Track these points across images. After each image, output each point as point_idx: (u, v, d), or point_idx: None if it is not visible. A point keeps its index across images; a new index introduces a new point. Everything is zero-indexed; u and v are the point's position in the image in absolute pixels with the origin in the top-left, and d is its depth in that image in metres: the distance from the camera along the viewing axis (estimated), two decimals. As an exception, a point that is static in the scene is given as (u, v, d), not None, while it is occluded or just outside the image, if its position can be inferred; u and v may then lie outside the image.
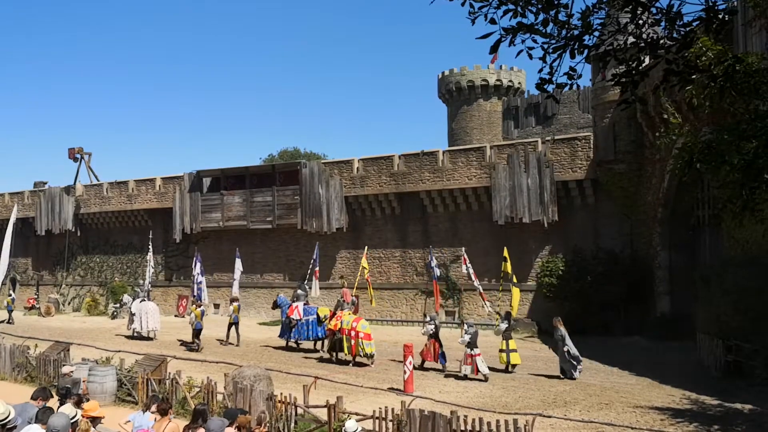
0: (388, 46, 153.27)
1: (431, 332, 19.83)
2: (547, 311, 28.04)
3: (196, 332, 24.91)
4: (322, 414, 12.92)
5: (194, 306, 26.22)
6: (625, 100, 6.79)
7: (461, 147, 34.43)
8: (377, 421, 12.06)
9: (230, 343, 25.77)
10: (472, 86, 49.93)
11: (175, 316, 37.84)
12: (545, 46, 6.01)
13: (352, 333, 20.87)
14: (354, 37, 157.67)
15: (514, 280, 21.72)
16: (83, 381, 14.47)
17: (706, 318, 18.44)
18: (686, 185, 23.12)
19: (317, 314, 23.87)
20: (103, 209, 42.10)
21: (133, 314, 28.68)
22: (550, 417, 13.14)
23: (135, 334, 28.37)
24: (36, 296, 43.71)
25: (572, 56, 6.05)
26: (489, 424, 10.81)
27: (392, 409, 12.01)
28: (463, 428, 10.95)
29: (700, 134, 14.47)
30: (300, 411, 13.41)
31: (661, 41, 6.53)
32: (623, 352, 22.28)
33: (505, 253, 22.55)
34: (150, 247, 34.39)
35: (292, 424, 13.18)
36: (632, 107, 23.57)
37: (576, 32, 6.03)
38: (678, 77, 6.69)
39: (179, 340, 27.22)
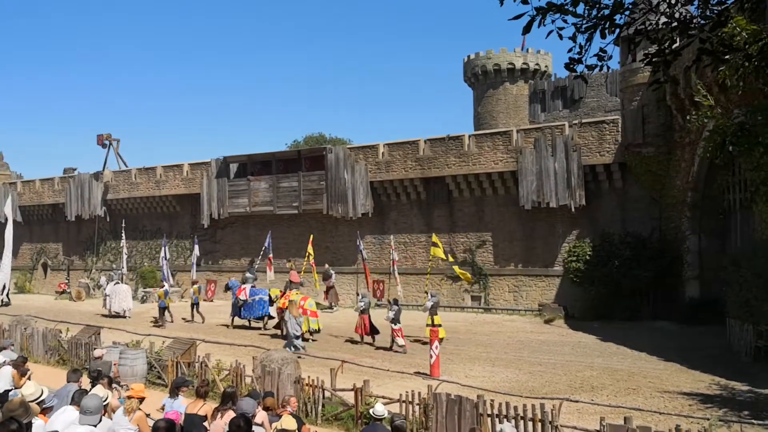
0: (413, 31, 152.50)
1: (362, 308, 22.15)
2: (574, 296, 27.90)
3: (161, 310, 27.72)
4: (349, 397, 13.03)
5: (160, 287, 29.84)
6: (656, 81, 6.68)
7: (487, 131, 34.20)
8: (404, 404, 12.12)
9: (195, 322, 28.13)
10: (498, 70, 49.48)
11: (204, 300, 38.23)
12: (579, 25, 5.91)
13: (299, 310, 21.99)
14: (379, 21, 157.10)
15: (450, 259, 24.85)
16: (114, 364, 14.70)
17: (736, 303, 18.19)
18: (717, 168, 22.71)
19: (269, 294, 25.72)
20: (132, 195, 42.59)
21: (108, 295, 31.48)
22: (577, 401, 13.10)
23: (111, 313, 30.79)
24: (67, 281, 44.38)
25: (603, 36, 5.96)
26: (516, 408, 10.81)
27: (419, 393, 12.06)
28: (489, 412, 10.97)
29: (732, 116, 14.21)
30: (327, 394, 13.52)
31: (694, 21, 6.40)
32: (651, 337, 22.09)
33: (435, 239, 25.13)
34: (123, 234, 38.27)
35: (320, 407, 13.30)
36: (662, 89, 23.29)
37: (606, 12, 5.93)
38: (711, 57, 6.54)
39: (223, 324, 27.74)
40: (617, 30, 6.07)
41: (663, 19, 6.39)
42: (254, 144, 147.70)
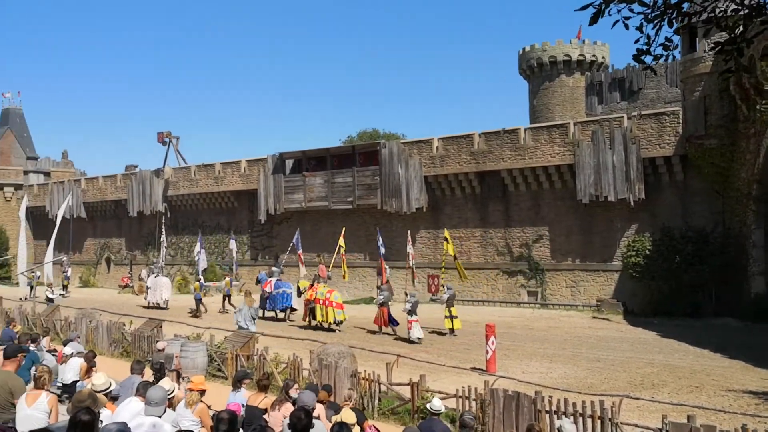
0: (466, 24, 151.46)
1: (381, 301, 23.54)
2: (633, 291, 27.38)
3: (197, 302, 29.36)
4: (406, 392, 13.04)
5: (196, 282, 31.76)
6: (728, 70, 6.47)
7: (543, 124, 33.76)
8: (460, 400, 12.08)
9: (227, 312, 29.43)
10: (554, 62, 48.77)
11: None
12: (647, 14, 5.77)
13: (326, 302, 24.12)
14: (432, 15, 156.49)
15: (452, 252, 24.60)
16: (176, 356, 15.05)
17: (805, 299, 17.57)
18: (784, 160, 21.98)
19: (298, 287, 27.04)
20: (191, 191, 43.49)
21: (149, 287, 33.24)
22: (637, 399, 12.83)
23: (151, 304, 32.29)
24: (129, 275, 45.62)
25: (670, 25, 5.81)
26: (574, 404, 10.66)
27: (475, 389, 12.00)
28: (547, 409, 10.84)
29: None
30: (383, 388, 13.57)
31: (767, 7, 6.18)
32: (714, 333, 21.52)
33: (446, 234, 25.38)
34: (163, 228, 39.82)
35: (376, 401, 13.36)
36: (726, 79, 22.58)
37: (674, 0, 5.78)
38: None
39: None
40: (685, 19, 5.91)
41: (732, 6, 6.18)
42: (309, 140, 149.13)
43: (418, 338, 21.46)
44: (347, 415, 7.92)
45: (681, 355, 18.45)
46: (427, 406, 9.67)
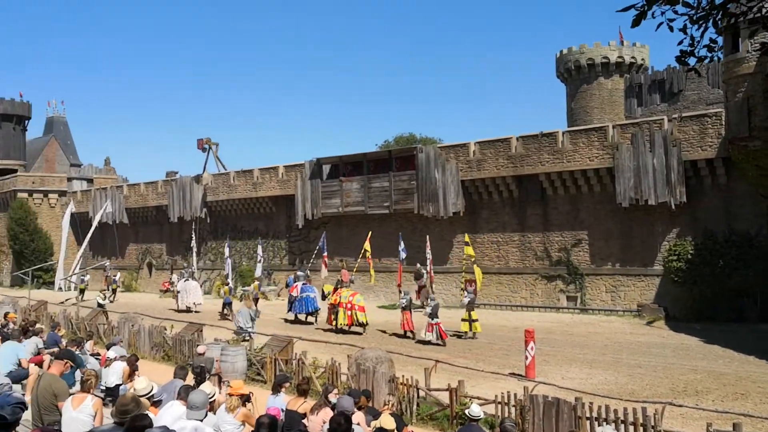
0: (503, 27, 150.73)
1: (404, 305, 23.75)
2: (675, 296, 26.90)
3: (227, 305, 30.38)
4: (444, 397, 13.01)
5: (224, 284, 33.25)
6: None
7: (582, 127, 33.41)
8: (499, 405, 12.01)
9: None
10: (592, 64, 48.28)
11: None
12: (692, 15, 5.68)
13: (349, 305, 24.78)
14: (468, 18, 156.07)
15: (472, 255, 25.62)
16: (216, 360, 15.22)
17: None
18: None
19: (322, 290, 27.80)
20: (230, 197, 43.99)
21: (179, 292, 34.27)
22: (681, 406, 12.59)
23: (182, 308, 33.22)
24: (170, 280, 46.24)
25: (715, 26, 5.71)
26: (616, 411, 10.53)
27: (514, 394, 11.92)
28: (588, 415, 10.72)
29: None
30: (422, 394, 13.55)
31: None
32: (760, 339, 21.02)
33: (467, 238, 26.49)
34: (193, 235, 40.84)
35: (414, 407, 13.35)
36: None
37: (718, 1, 5.68)
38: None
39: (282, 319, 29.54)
40: (731, 19, 5.81)
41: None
42: (346, 145, 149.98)
43: (429, 341, 21.98)
44: (387, 421, 7.92)
45: (725, 362, 18.08)
46: (466, 411, 9.63)
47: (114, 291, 41.85)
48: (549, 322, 26.34)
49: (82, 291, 41.01)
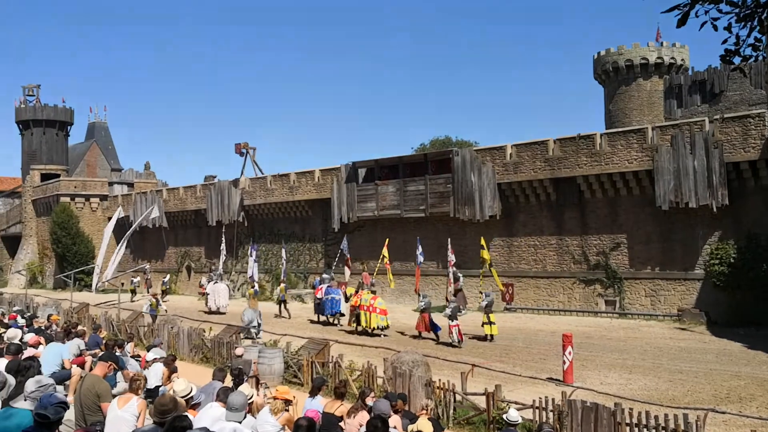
0: (540, 29, 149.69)
1: (422, 307, 24.26)
2: (716, 301, 26.38)
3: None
4: (481, 402, 12.96)
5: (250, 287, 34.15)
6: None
7: (620, 129, 32.94)
8: (537, 410, 11.91)
9: (282, 317, 31.08)
10: (631, 65, 47.67)
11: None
12: (737, 14, 5.59)
13: (370, 308, 25.16)
14: (505, 21, 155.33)
15: (488, 262, 26.66)
16: (254, 362, 15.38)
17: None
18: None
19: (344, 293, 28.19)
20: (267, 201, 44.37)
21: (208, 294, 35.40)
22: (723, 413, 12.38)
23: (211, 310, 34.32)
24: (200, 282, 46.78)
25: (760, 25, 5.60)
26: (656, 418, 10.37)
27: (552, 399, 11.82)
28: (628, 421, 10.57)
29: None
30: (458, 398, 13.51)
31: None
32: (806, 345, 20.50)
33: (482, 242, 27.03)
34: (222, 238, 41.23)
35: (451, 411, 13.32)
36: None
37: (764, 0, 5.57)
38: None
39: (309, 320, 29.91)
40: None
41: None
42: (381, 149, 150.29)
43: (451, 342, 22.31)
44: (424, 425, 7.93)
45: (770, 368, 17.67)
46: (504, 416, 9.60)
47: (164, 292, 42.65)
48: (587, 327, 26.04)
49: (132, 292, 41.98)
